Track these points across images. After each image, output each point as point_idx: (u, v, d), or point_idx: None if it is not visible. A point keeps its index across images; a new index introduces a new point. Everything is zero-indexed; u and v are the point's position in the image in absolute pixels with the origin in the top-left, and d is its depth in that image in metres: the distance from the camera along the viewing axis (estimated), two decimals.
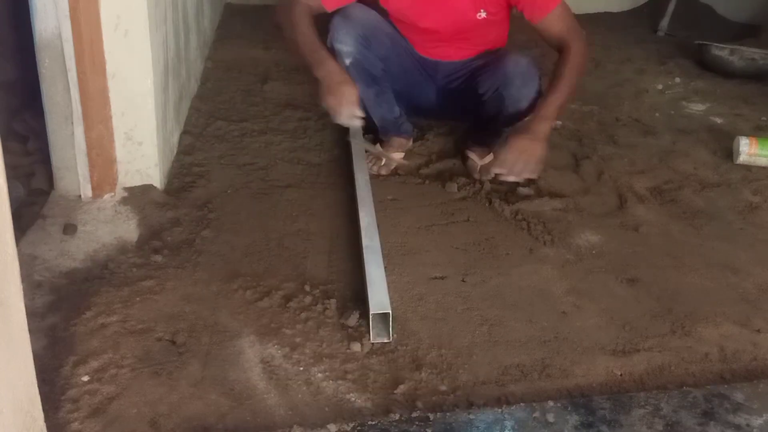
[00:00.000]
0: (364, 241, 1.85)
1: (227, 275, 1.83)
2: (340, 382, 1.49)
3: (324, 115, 2.76)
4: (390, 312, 1.60)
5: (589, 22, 4.70)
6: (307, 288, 1.78)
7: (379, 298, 1.64)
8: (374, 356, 1.57)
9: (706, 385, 1.49)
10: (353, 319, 1.66)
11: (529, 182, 2.27)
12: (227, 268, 1.86)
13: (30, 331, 1.05)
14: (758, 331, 1.74)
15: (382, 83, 2.33)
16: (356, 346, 1.58)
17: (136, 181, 2.15)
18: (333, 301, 1.74)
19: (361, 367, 1.54)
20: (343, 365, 1.54)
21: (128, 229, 1.98)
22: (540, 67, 2.30)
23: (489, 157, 2.32)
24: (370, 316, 1.61)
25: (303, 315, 1.69)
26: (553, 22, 2.17)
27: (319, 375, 1.51)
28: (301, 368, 1.53)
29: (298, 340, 1.61)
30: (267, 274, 1.84)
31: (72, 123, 2.00)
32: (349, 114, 2.12)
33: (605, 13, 4.91)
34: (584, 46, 2.19)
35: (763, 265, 2.02)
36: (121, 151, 2.11)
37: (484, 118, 2.36)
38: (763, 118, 3.14)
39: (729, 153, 2.71)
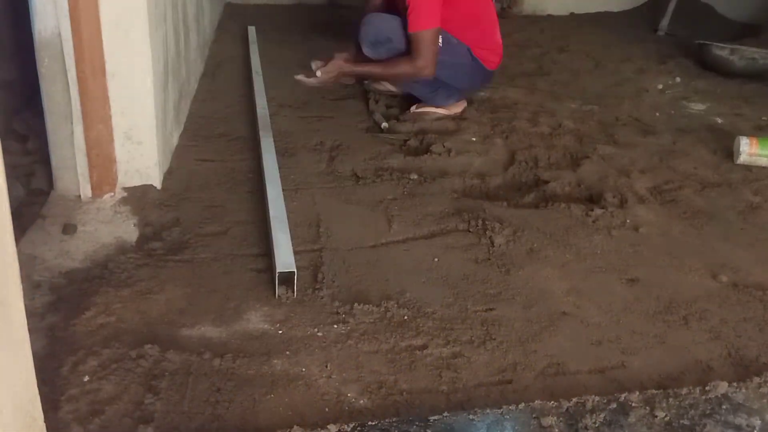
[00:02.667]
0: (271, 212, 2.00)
1: (227, 275, 1.83)
2: (340, 381, 1.49)
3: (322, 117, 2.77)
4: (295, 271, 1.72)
5: (589, 21, 4.71)
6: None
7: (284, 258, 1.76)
8: (374, 355, 1.57)
9: (706, 385, 1.49)
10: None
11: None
12: (227, 267, 1.86)
13: (30, 331, 1.05)
14: (760, 330, 1.74)
15: None
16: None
17: (136, 181, 2.15)
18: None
19: (362, 366, 1.54)
20: (342, 364, 1.54)
21: (128, 229, 1.97)
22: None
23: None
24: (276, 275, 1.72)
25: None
26: (412, 40, 2.74)
27: (320, 373, 1.51)
28: (303, 369, 1.52)
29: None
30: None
31: (71, 123, 2.00)
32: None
33: (605, 12, 4.92)
34: (411, 68, 2.75)
35: (763, 264, 2.02)
36: (120, 151, 2.10)
37: None
38: (764, 118, 3.15)
39: (729, 153, 2.71)
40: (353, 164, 2.48)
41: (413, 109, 3.00)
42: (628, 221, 2.19)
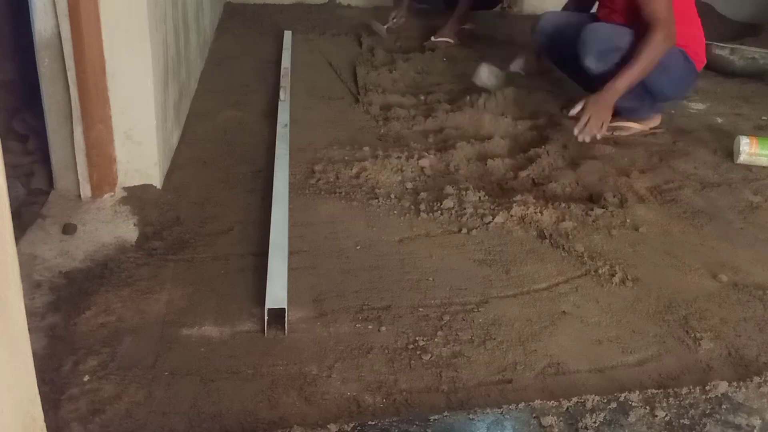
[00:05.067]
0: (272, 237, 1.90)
1: (227, 274, 1.83)
2: (340, 381, 1.49)
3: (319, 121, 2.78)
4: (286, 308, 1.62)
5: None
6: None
7: (275, 292, 1.66)
8: (374, 354, 1.57)
9: (706, 385, 1.49)
10: None
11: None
12: (228, 267, 1.86)
13: (30, 330, 1.05)
14: (760, 329, 1.74)
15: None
16: None
17: (136, 181, 2.15)
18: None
19: (362, 365, 1.54)
20: (342, 363, 1.54)
21: (128, 229, 1.98)
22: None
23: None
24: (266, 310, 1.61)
25: None
26: (644, 2, 2.55)
27: (320, 372, 1.51)
28: (303, 369, 1.52)
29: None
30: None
31: (72, 122, 2.00)
32: None
33: None
34: (661, 39, 2.52)
35: (763, 264, 2.02)
36: (120, 151, 2.11)
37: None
38: (764, 118, 3.15)
39: (729, 152, 2.71)
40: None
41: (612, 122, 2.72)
42: (628, 221, 2.19)
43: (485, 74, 3.11)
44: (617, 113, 2.76)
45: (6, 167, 0.94)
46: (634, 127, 2.84)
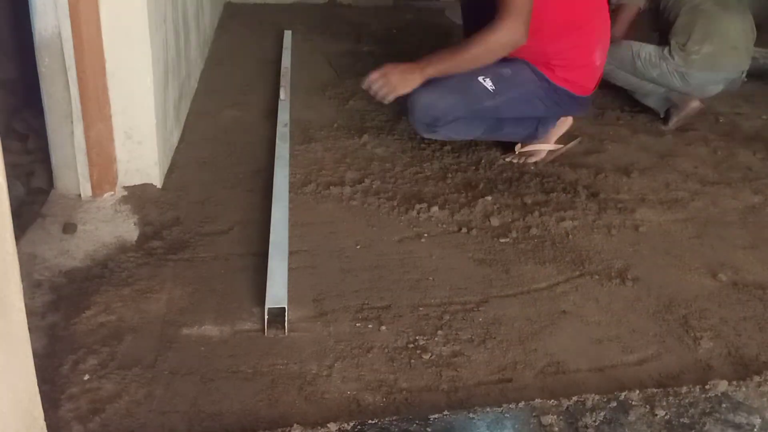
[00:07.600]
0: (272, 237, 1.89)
1: (227, 274, 1.83)
2: (340, 380, 1.49)
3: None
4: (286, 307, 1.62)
5: None
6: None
7: (275, 292, 1.66)
8: (374, 353, 1.57)
9: (705, 384, 1.49)
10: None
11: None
12: (227, 266, 1.86)
13: (30, 330, 1.05)
14: (759, 328, 1.74)
15: None
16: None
17: (136, 180, 2.15)
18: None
19: (362, 364, 1.54)
20: (342, 362, 1.54)
21: (128, 228, 1.98)
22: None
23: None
24: (266, 310, 1.62)
25: None
26: None
27: (320, 371, 1.51)
28: (303, 368, 1.53)
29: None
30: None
31: (72, 122, 2.00)
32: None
33: None
34: (505, 33, 2.14)
35: (763, 264, 2.02)
36: (120, 150, 2.11)
37: None
38: (764, 117, 3.15)
39: (730, 152, 2.71)
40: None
41: (517, 149, 2.52)
42: (627, 221, 2.19)
43: None
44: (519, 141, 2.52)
45: (6, 167, 0.94)
46: (542, 147, 2.51)
